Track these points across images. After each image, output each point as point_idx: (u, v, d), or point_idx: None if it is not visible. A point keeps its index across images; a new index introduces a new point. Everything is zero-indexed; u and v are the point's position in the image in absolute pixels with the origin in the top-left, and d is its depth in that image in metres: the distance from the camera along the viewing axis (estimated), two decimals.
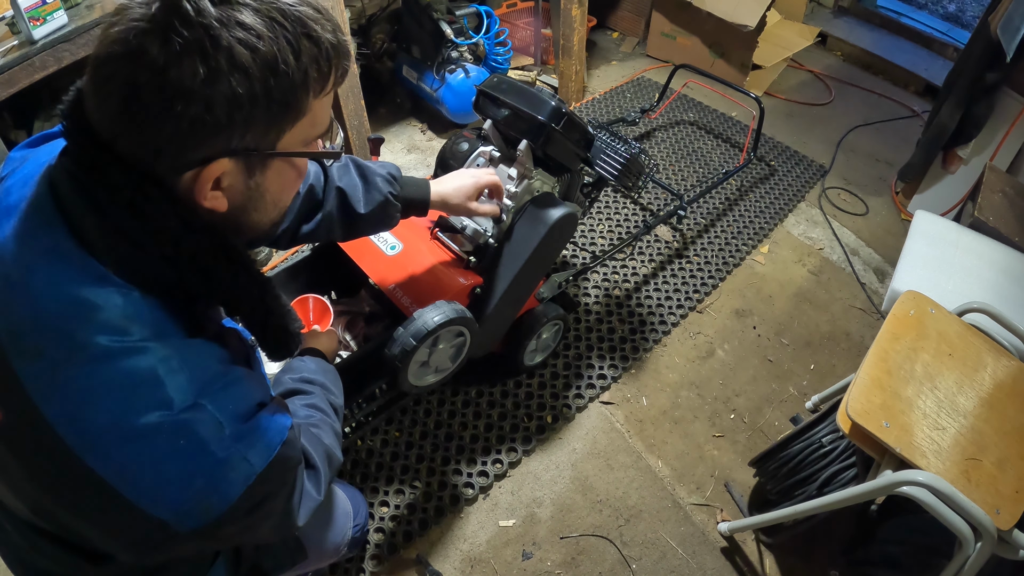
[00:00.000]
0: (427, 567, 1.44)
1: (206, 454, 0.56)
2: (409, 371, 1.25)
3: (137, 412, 0.54)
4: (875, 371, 1.20)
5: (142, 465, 0.54)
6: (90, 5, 1.48)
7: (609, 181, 1.71)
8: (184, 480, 0.55)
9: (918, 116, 2.93)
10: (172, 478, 0.55)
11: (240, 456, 0.57)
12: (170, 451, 0.55)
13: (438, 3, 2.48)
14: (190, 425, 0.55)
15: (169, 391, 0.55)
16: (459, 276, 1.41)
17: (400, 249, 1.47)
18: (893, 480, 1.04)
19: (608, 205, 2.39)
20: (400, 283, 1.42)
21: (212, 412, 0.56)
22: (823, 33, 3.37)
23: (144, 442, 0.54)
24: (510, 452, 1.65)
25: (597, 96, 2.98)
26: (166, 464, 0.55)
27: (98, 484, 0.53)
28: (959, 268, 1.64)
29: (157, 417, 0.54)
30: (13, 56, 1.36)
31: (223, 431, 0.57)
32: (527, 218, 1.40)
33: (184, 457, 0.55)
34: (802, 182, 2.54)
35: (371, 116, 2.19)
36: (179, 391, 0.55)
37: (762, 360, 1.92)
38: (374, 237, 1.52)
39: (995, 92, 2.09)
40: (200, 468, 0.56)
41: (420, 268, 1.44)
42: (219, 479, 0.56)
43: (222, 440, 0.57)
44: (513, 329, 1.63)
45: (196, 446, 0.55)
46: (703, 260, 2.20)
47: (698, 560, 1.49)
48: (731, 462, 1.67)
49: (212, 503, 0.56)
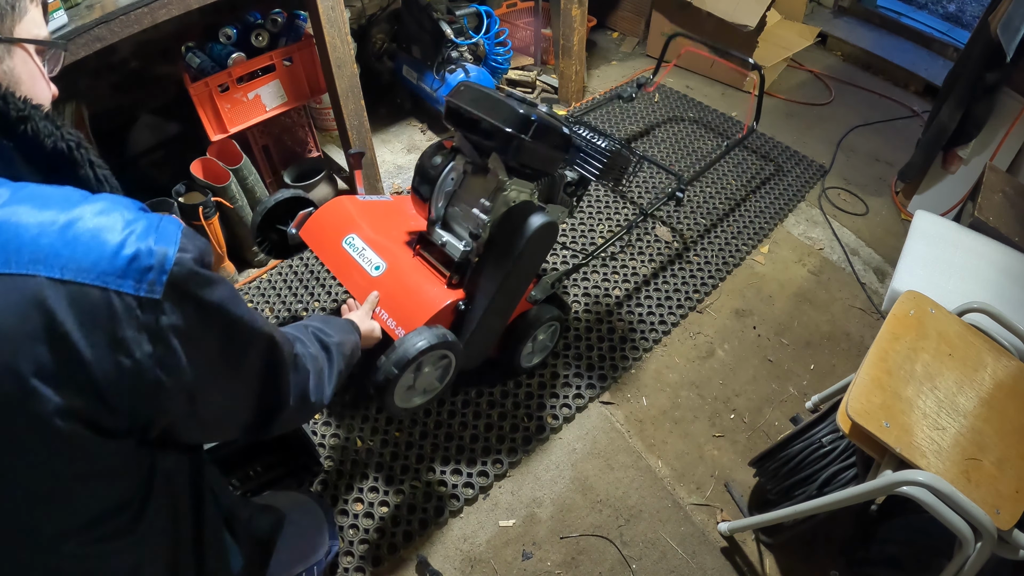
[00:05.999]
0: (427, 567, 1.44)
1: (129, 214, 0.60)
2: (396, 396, 1.28)
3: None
4: (875, 371, 1.20)
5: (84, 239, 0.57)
6: (90, 5, 1.48)
7: (591, 180, 1.65)
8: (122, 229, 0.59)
9: (918, 116, 2.93)
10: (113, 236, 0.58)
11: (156, 215, 0.63)
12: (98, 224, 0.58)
13: (438, 3, 2.48)
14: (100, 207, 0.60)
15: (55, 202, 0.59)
16: (441, 293, 1.41)
17: (384, 269, 1.48)
18: (893, 480, 1.04)
19: (608, 204, 2.39)
20: (384, 303, 1.42)
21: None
22: (823, 33, 3.37)
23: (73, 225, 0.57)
24: (510, 452, 1.65)
25: (597, 96, 2.98)
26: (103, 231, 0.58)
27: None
28: (959, 268, 1.64)
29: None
30: None
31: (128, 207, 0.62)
32: (505, 230, 1.38)
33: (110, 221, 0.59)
34: (802, 182, 2.54)
35: (371, 116, 2.19)
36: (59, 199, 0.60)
37: (762, 360, 1.92)
38: (357, 257, 1.54)
39: (995, 92, 2.09)
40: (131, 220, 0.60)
41: (403, 287, 1.44)
42: (147, 225, 0.60)
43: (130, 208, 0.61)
44: (508, 334, 1.64)
45: (114, 215, 0.59)
46: (703, 260, 2.20)
47: (698, 560, 1.49)
48: (731, 462, 1.67)
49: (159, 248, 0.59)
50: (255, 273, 2.14)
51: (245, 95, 1.97)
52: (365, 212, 1.64)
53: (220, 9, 1.71)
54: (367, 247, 1.54)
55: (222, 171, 1.92)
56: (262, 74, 1.98)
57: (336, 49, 1.91)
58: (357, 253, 1.55)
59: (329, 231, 1.61)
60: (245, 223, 2.04)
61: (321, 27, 1.84)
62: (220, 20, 1.97)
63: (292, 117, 2.28)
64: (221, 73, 1.88)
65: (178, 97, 1.99)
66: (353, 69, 2.00)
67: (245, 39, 1.98)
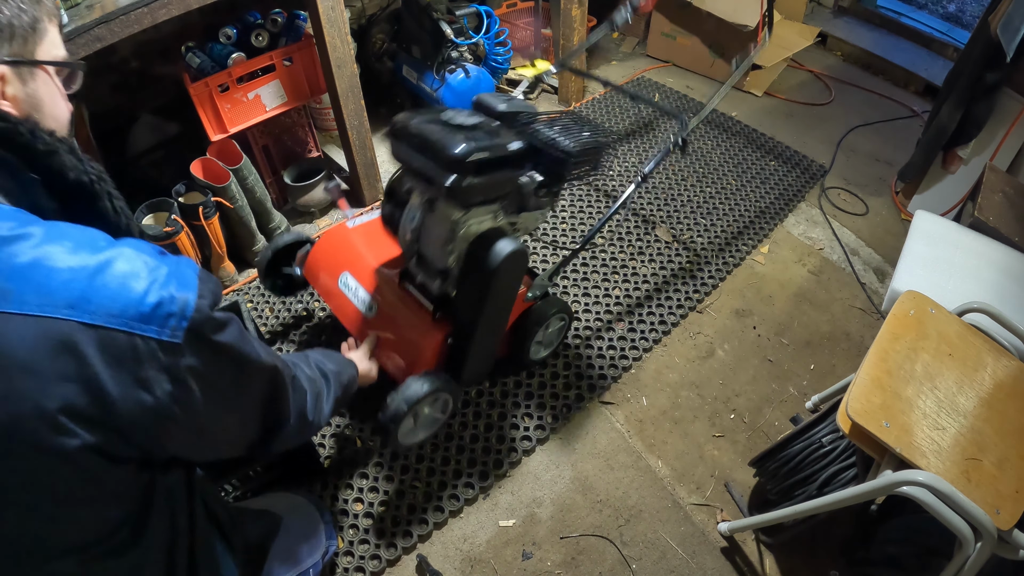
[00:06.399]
0: (427, 567, 1.44)
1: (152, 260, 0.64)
2: (400, 436, 1.40)
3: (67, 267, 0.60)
4: (875, 371, 1.20)
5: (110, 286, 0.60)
6: (90, 5, 1.48)
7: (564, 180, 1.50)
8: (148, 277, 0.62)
9: (918, 116, 2.93)
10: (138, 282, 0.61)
11: (173, 259, 0.66)
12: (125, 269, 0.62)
13: (438, 3, 2.48)
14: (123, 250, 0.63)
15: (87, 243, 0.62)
16: (428, 333, 1.45)
17: (376, 310, 1.53)
18: (893, 480, 1.04)
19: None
20: (381, 346, 1.50)
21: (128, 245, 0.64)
22: (823, 33, 3.37)
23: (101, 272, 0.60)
24: (510, 452, 1.65)
25: (597, 96, 2.98)
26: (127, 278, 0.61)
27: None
28: (959, 268, 1.64)
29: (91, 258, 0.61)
30: None
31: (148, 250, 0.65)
32: (472, 264, 1.36)
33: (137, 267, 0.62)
34: (802, 182, 2.54)
35: (371, 116, 2.19)
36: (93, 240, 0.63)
37: (762, 360, 1.92)
38: (352, 297, 1.58)
39: (995, 92, 2.09)
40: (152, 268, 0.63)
41: (395, 326, 1.49)
42: (168, 273, 0.63)
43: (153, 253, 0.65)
44: (513, 332, 1.65)
45: (140, 260, 0.63)
46: (703, 260, 2.19)
47: (698, 560, 1.49)
48: (731, 462, 1.67)
49: (180, 294, 0.63)
50: (255, 273, 2.14)
51: (245, 95, 1.97)
52: (354, 243, 1.66)
53: (220, 9, 1.71)
54: (359, 286, 1.58)
55: (222, 171, 1.92)
56: (262, 74, 1.98)
57: (336, 49, 1.91)
58: (352, 293, 1.59)
59: (325, 270, 1.67)
60: (245, 223, 2.04)
61: (321, 27, 1.84)
62: (220, 20, 1.97)
63: (292, 117, 2.28)
64: (221, 73, 1.88)
65: (178, 97, 1.99)
66: (353, 69, 2.00)
67: (245, 39, 1.98)
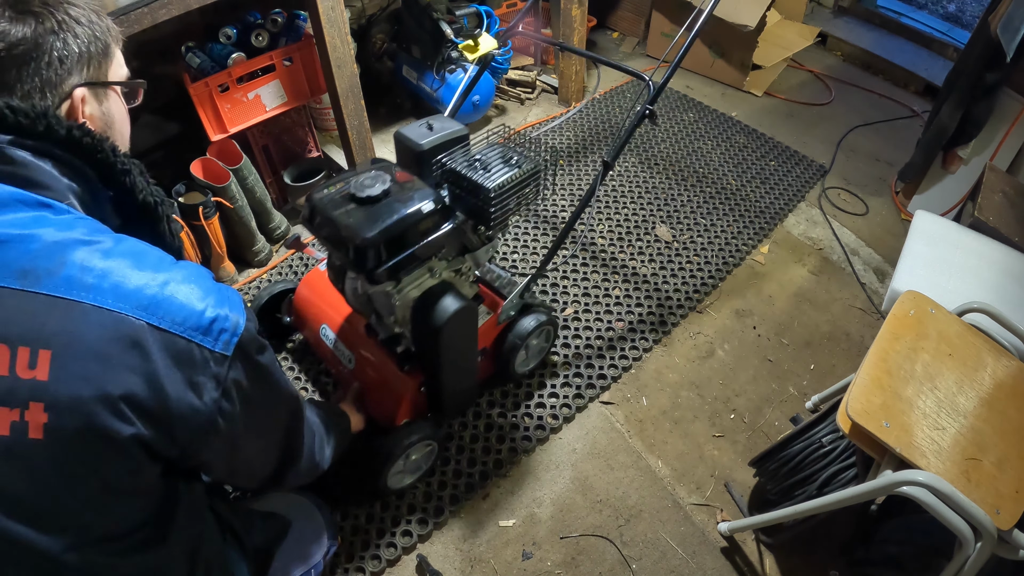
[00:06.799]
0: (427, 567, 1.44)
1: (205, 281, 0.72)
2: (389, 480, 1.45)
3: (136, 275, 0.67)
4: (875, 371, 1.20)
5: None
6: None
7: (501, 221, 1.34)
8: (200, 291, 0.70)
9: (918, 116, 2.93)
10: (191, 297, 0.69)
11: (226, 287, 0.74)
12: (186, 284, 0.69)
13: (438, 3, 2.48)
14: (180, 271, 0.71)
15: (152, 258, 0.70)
16: (402, 381, 1.46)
17: (355, 362, 1.55)
18: (893, 480, 1.04)
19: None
20: (364, 392, 1.53)
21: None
22: (823, 33, 3.37)
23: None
24: (510, 452, 1.65)
25: (597, 96, 2.98)
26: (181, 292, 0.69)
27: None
28: (959, 268, 1.64)
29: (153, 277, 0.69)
30: None
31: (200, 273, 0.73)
32: (418, 327, 1.34)
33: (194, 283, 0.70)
34: (802, 182, 2.54)
35: (371, 116, 2.19)
36: (157, 259, 0.71)
37: (762, 360, 1.92)
38: (333, 348, 1.60)
39: (995, 92, 2.09)
40: (205, 285, 0.71)
41: (371, 378, 1.52)
42: (221, 296, 0.71)
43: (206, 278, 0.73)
44: (495, 351, 1.65)
45: (194, 278, 0.71)
46: (703, 260, 2.19)
47: (698, 560, 1.49)
48: (731, 462, 1.67)
49: (226, 312, 0.70)
50: (255, 273, 2.14)
51: (245, 95, 1.97)
52: (327, 293, 1.64)
53: (220, 9, 1.70)
54: (337, 339, 1.59)
55: (222, 171, 1.92)
56: (262, 74, 1.98)
57: (336, 49, 1.91)
58: (332, 345, 1.60)
59: (308, 319, 1.68)
60: (245, 223, 2.04)
61: (321, 27, 1.84)
62: (220, 20, 1.97)
63: (292, 117, 2.28)
64: (221, 73, 1.88)
65: (178, 97, 1.99)
66: (353, 69, 2.00)
67: (245, 39, 1.98)
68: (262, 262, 2.17)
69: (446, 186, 1.32)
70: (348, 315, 1.59)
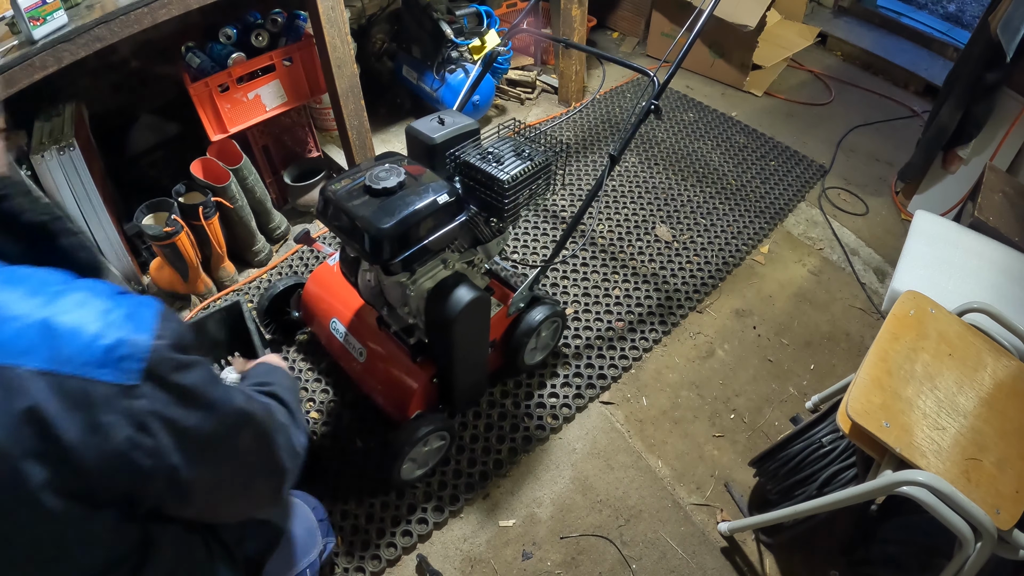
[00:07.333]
0: (427, 567, 1.44)
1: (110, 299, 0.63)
2: (402, 473, 1.46)
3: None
4: (875, 371, 1.20)
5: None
6: (90, 5, 1.48)
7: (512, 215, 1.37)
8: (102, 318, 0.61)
9: (918, 116, 2.93)
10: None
11: (133, 300, 0.64)
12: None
13: (438, 3, 2.48)
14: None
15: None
16: (415, 373, 1.46)
17: (366, 355, 1.54)
18: (893, 480, 1.04)
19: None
20: (375, 389, 1.55)
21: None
22: (823, 33, 3.37)
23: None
24: (510, 452, 1.65)
25: (597, 96, 2.98)
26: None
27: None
28: (959, 268, 1.64)
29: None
30: (13, 56, 1.36)
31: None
32: (432, 318, 1.35)
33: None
34: (802, 182, 2.54)
35: (371, 116, 2.19)
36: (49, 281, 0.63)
37: (762, 360, 1.92)
38: (344, 343, 1.59)
39: (995, 92, 2.09)
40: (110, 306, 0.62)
41: (384, 371, 1.52)
42: (124, 313, 0.62)
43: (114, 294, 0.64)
44: (504, 343, 1.66)
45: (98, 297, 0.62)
46: (703, 260, 2.19)
47: (698, 560, 1.49)
48: (731, 462, 1.67)
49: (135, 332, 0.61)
50: (255, 273, 2.14)
51: (245, 95, 1.97)
52: (337, 286, 1.65)
53: (220, 9, 1.71)
54: (348, 332, 1.59)
55: (222, 171, 1.92)
56: (262, 74, 1.98)
57: (336, 49, 1.91)
58: (343, 339, 1.61)
59: (317, 316, 1.69)
60: (245, 223, 2.04)
61: (321, 27, 1.84)
62: (220, 20, 1.97)
63: (292, 117, 2.28)
64: (221, 73, 1.88)
65: (178, 97, 1.99)
66: (353, 69, 2.00)
67: (245, 39, 1.98)
68: (262, 262, 2.17)
69: (458, 179, 1.35)
70: (358, 309, 1.60)
